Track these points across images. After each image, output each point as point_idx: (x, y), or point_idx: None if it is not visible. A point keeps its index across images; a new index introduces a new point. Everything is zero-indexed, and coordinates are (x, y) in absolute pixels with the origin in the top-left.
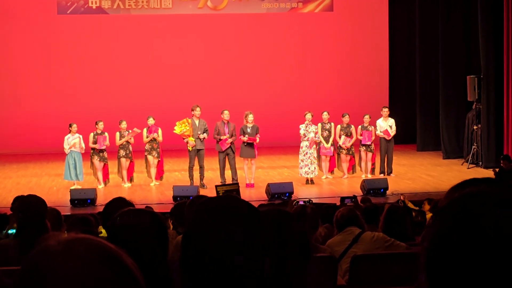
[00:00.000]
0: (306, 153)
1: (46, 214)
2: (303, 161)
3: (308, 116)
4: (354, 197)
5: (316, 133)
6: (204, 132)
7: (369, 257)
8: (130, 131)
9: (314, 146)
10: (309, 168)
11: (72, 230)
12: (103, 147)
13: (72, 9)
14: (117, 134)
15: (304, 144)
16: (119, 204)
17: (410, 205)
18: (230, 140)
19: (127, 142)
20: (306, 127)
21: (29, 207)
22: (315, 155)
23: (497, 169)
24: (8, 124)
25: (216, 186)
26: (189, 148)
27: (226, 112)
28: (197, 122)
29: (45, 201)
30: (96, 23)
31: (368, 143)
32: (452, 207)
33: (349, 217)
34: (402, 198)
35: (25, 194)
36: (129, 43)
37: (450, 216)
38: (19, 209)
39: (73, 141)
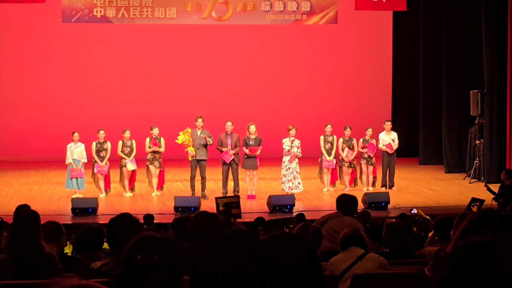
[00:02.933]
0: (289, 168)
1: (39, 227)
2: (285, 176)
3: (293, 131)
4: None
5: (298, 147)
6: (209, 137)
7: (370, 276)
8: (127, 160)
9: (297, 160)
10: (292, 183)
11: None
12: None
13: (76, 18)
14: (120, 143)
15: (286, 158)
16: (125, 221)
17: (422, 214)
18: (232, 152)
19: (130, 150)
20: (293, 142)
21: (21, 220)
22: (298, 169)
23: (489, 185)
24: (11, 131)
25: (216, 198)
26: (189, 158)
27: (228, 123)
28: (199, 132)
29: (39, 214)
30: (101, 32)
31: (371, 154)
32: (459, 255)
33: (353, 238)
34: (416, 211)
35: (27, 202)
36: (133, 53)
37: (457, 263)
38: (13, 222)
39: (75, 150)
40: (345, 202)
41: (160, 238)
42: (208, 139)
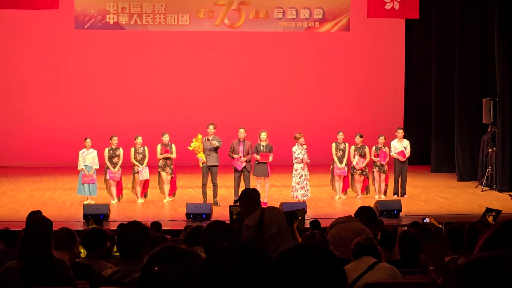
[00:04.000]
0: (302, 175)
1: (51, 234)
2: (298, 184)
3: (302, 139)
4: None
5: (306, 151)
6: (218, 142)
7: (381, 285)
8: (141, 168)
9: (306, 167)
10: (305, 190)
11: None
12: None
13: (89, 24)
14: (132, 149)
15: (299, 166)
16: (134, 228)
17: (435, 223)
18: (244, 159)
19: (142, 157)
20: (302, 151)
21: (34, 228)
22: (308, 176)
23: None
24: (23, 137)
25: (230, 207)
26: (200, 164)
27: (241, 130)
28: (210, 139)
29: (51, 221)
30: (113, 39)
31: (383, 162)
32: (470, 269)
33: (365, 246)
34: (428, 220)
35: (39, 208)
36: (146, 59)
37: (467, 277)
38: (24, 229)
39: (88, 156)
40: (361, 212)
41: (181, 250)
42: (213, 141)
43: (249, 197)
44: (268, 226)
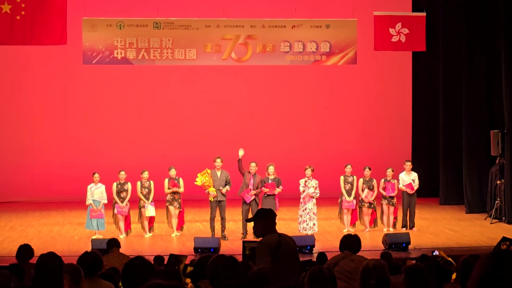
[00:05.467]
0: (306, 209)
1: (62, 274)
2: (301, 217)
3: (308, 171)
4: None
5: (315, 188)
6: (226, 185)
7: None
8: (147, 204)
9: (314, 201)
10: (307, 224)
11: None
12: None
13: (97, 59)
14: (138, 183)
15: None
16: (137, 264)
17: (444, 256)
18: (253, 192)
19: (148, 191)
20: (306, 182)
21: (44, 266)
22: (315, 211)
23: None
24: (31, 172)
25: (244, 242)
26: (210, 198)
27: (252, 164)
28: (218, 173)
29: (61, 259)
30: (121, 73)
31: (392, 194)
32: None
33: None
34: (437, 253)
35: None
36: (153, 94)
37: None
38: (35, 269)
39: (96, 191)
40: (347, 240)
41: (167, 285)
42: (226, 187)
43: (265, 216)
44: (282, 255)
